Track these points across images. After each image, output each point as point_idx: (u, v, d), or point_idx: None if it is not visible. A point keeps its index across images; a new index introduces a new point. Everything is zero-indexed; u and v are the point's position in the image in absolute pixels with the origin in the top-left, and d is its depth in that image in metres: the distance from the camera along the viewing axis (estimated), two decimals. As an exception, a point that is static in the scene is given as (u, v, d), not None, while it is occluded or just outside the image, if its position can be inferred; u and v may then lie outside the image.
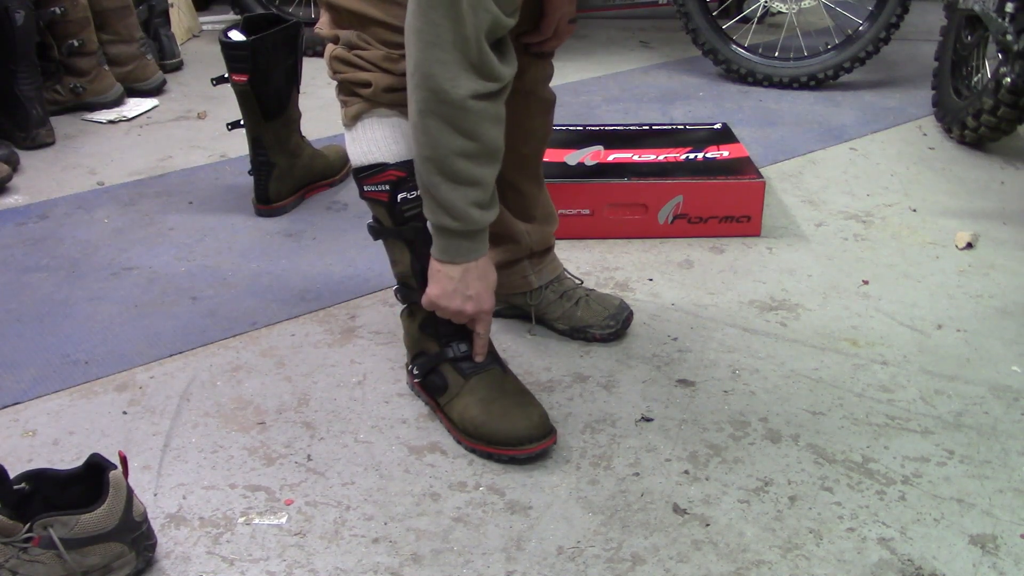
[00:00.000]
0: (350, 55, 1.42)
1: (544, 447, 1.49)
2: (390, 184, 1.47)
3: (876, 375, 1.72)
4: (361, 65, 1.42)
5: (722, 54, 3.28)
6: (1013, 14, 2.41)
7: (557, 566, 1.31)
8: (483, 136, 1.34)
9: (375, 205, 1.51)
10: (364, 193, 1.51)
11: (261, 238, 2.22)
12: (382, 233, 1.54)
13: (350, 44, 1.42)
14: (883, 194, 2.46)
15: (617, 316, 1.80)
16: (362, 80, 1.42)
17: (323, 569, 1.30)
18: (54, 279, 2.04)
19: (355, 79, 1.43)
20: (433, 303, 1.48)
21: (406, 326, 1.62)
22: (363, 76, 1.42)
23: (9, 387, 1.68)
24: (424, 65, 1.28)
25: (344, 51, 1.43)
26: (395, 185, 1.47)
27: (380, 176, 1.47)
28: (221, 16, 4.02)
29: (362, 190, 1.51)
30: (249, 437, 1.56)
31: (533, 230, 1.77)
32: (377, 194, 1.49)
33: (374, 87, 1.42)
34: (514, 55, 1.36)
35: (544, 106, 1.72)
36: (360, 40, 1.41)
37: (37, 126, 2.69)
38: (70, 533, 1.21)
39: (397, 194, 1.47)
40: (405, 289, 1.57)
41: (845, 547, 1.34)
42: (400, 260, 1.54)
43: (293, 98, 2.32)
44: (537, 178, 1.77)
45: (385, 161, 1.46)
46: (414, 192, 1.47)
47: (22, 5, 2.57)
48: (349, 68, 1.43)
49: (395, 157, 1.46)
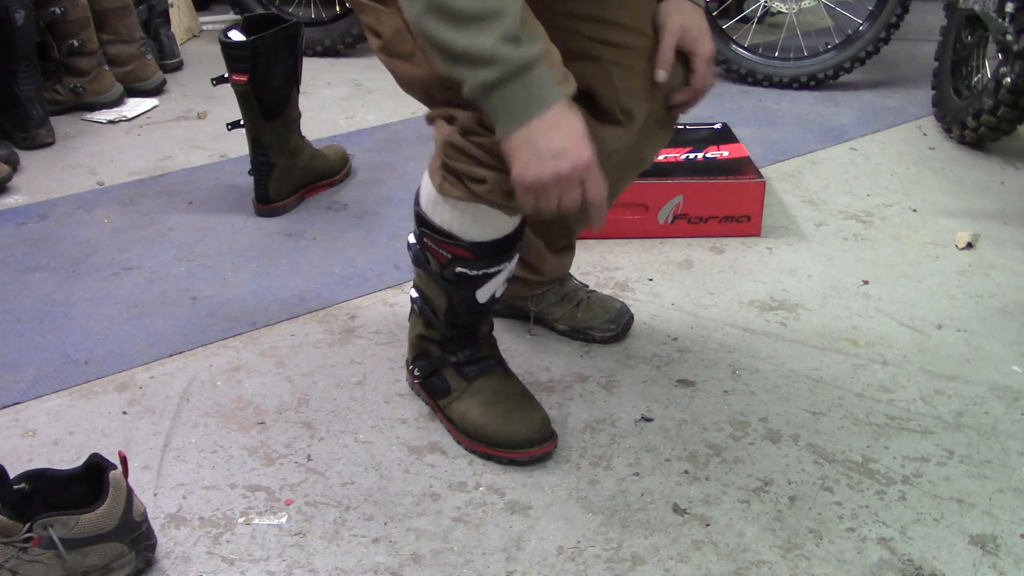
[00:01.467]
0: (467, 144, 1.26)
1: (544, 451, 1.49)
2: (453, 256, 1.41)
3: (876, 375, 1.72)
4: (479, 158, 1.26)
5: (722, 54, 3.28)
6: (1013, 14, 2.41)
7: (557, 566, 1.31)
8: None
9: (430, 252, 1.44)
10: (421, 240, 1.44)
11: (261, 238, 2.22)
12: (425, 270, 1.47)
13: (467, 129, 1.26)
14: (883, 194, 2.46)
15: (618, 319, 1.80)
16: (477, 176, 1.28)
17: (323, 569, 1.30)
18: (54, 279, 2.04)
19: (469, 173, 1.28)
20: (526, 186, 1.20)
21: (409, 327, 1.61)
22: (479, 172, 1.27)
23: (9, 387, 1.68)
24: None
25: (461, 139, 1.26)
26: (457, 259, 1.41)
27: (448, 245, 1.40)
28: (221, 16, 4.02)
29: (422, 235, 1.43)
30: (249, 437, 1.56)
31: (556, 263, 1.76)
32: (436, 252, 1.42)
33: (489, 187, 1.27)
34: None
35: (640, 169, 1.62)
36: (479, 127, 1.24)
37: (37, 126, 2.69)
38: (70, 533, 1.21)
39: (456, 266, 1.42)
40: (428, 312, 1.52)
41: (845, 547, 1.34)
42: (434, 297, 1.49)
43: (293, 98, 2.32)
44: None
45: (460, 237, 1.39)
46: (476, 271, 1.41)
47: (22, 5, 2.57)
48: (464, 159, 1.28)
49: (471, 238, 1.38)
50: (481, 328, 1.55)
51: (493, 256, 1.42)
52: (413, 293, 1.56)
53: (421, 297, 1.53)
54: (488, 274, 1.43)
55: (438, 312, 1.51)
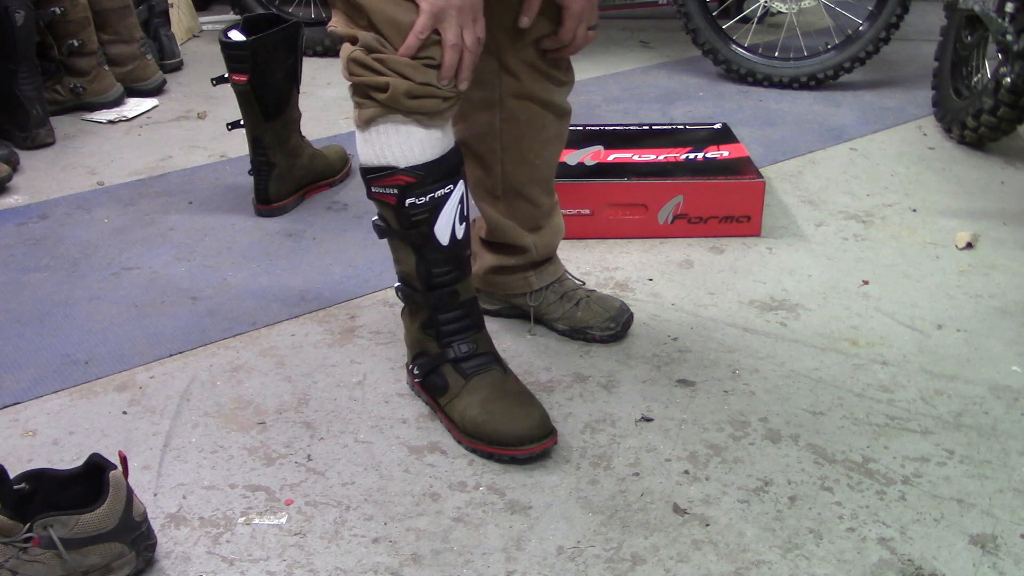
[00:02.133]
0: (368, 58, 1.39)
1: (544, 447, 1.49)
2: (398, 188, 1.46)
3: (876, 375, 1.72)
4: (379, 70, 1.39)
5: (722, 54, 3.28)
6: (1013, 14, 2.41)
7: (557, 566, 1.31)
8: None
9: (382, 206, 1.50)
10: (371, 194, 1.50)
11: (261, 238, 2.22)
12: (388, 233, 1.53)
13: (368, 47, 1.39)
14: (883, 194, 2.46)
15: (617, 318, 1.80)
16: (379, 84, 1.39)
17: (323, 569, 1.30)
18: (54, 279, 2.04)
19: (372, 83, 1.40)
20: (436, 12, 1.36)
21: (407, 325, 1.62)
22: (381, 80, 1.39)
23: (9, 387, 1.68)
24: None
25: (362, 54, 1.40)
26: (403, 189, 1.45)
27: (389, 179, 1.46)
28: (221, 16, 4.02)
29: (369, 190, 1.50)
30: (249, 437, 1.56)
31: (540, 241, 1.77)
32: (385, 196, 1.48)
33: (391, 91, 1.39)
34: None
35: (559, 116, 1.70)
36: (379, 43, 1.38)
37: (37, 126, 2.69)
38: (70, 533, 1.21)
39: (405, 199, 1.46)
40: (408, 289, 1.56)
41: (845, 547, 1.34)
42: (404, 260, 1.54)
43: (293, 98, 2.32)
44: (548, 189, 1.76)
45: (395, 165, 1.45)
46: (423, 198, 1.46)
47: (22, 5, 2.57)
48: (367, 72, 1.40)
49: (406, 162, 1.44)
50: (462, 289, 1.56)
51: (435, 177, 1.46)
52: (396, 284, 1.58)
53: (400, 278, 1.56)
54: (436, 199, 1.47)
55: (414, 280, 1.53)
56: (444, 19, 1.38)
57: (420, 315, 1.57)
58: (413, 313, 1.59)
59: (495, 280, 1.81)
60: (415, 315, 1.58)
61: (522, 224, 1.75)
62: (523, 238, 1.75)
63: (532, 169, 1.70)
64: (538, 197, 1.74)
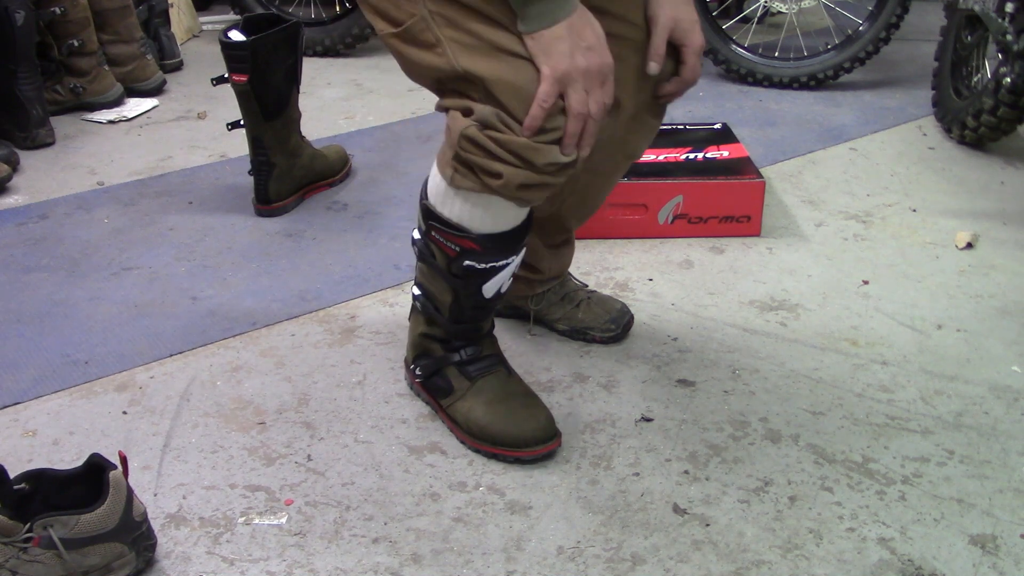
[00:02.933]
0: (483, 137, 1.26)
1: (550, 449, 1.49)
2: (462, 248, 1.40)
3: (876, 375, 1.72)
4: (496, 153, 1.26)
5: (722, 54, 3.28)
6: (1013, 14, 2.41)
7: (557, 566, 1.31)
8: None
9: (436, 246, 1.43)
10: (430, 235, 1.42)
11: (261, 238, 2.22)
12: (431, 265, 1.46)
13: (486, 122, 1.26)
14: (883, 194, 2.46)
15: (618, 320, 1.80)
16: (493, 170, 1.27)
17: (323, 569, 1.30)
18: (54, 279, 2.04)
19: (485, 167, 1.28)
20: (556, 74, 1.24)
21: (410, 327, 1.61)
22: (495, 167, 1.27)
23: (9, 387, 1.68)
24: None
25: (477, 132, 1.26)
26: (466, 252, 1.40)
27: (456, 238, 1.39)
28: (221, 16, 4.02)
29: (429, 229, 1.42)
30: (249, 437, 1.56)
31: (554, 264, 1.76)
32: (444, 246, 1.42)
33: (505, 182, 1.27)
34: None
35: (630, 162, 1.64)
36: (499, 120, 1.25)
37: (37, 126, 2.69)
38: (70, 533, 1.21)
39: (464, 260, 1.41)
40: (431, 308, 1.51)
41: (845, 547, 1.34)
42: (439, 292, 1.48)
43: (293, 98, 2.32)
44: (584, 219, 1.74)
45: (469, 229, 1.38)
46: (483, 264, 1.41)
47: (22, 5, 2.57)
48: (480, 152, 1.27)
49: (480, 230, 1.38)
50: (484, 325, 1.55)
51: (502, 249, 1.42)
52: (415, 290, 1.55)
53: (424, 294, 1.53)
54: (496, 267, 1.43)
55: (442, 308, 1.51)
56: (569, 84, 1.25)
57: (433, 326, 1.55)
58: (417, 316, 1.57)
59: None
60: (419, 317, 1.57)
61: (545, 241, 1.71)
62: (541, 260, 1.72)
63: (582, 203, 1.66)
64: (571, 223, 1.72)
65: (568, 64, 1.24)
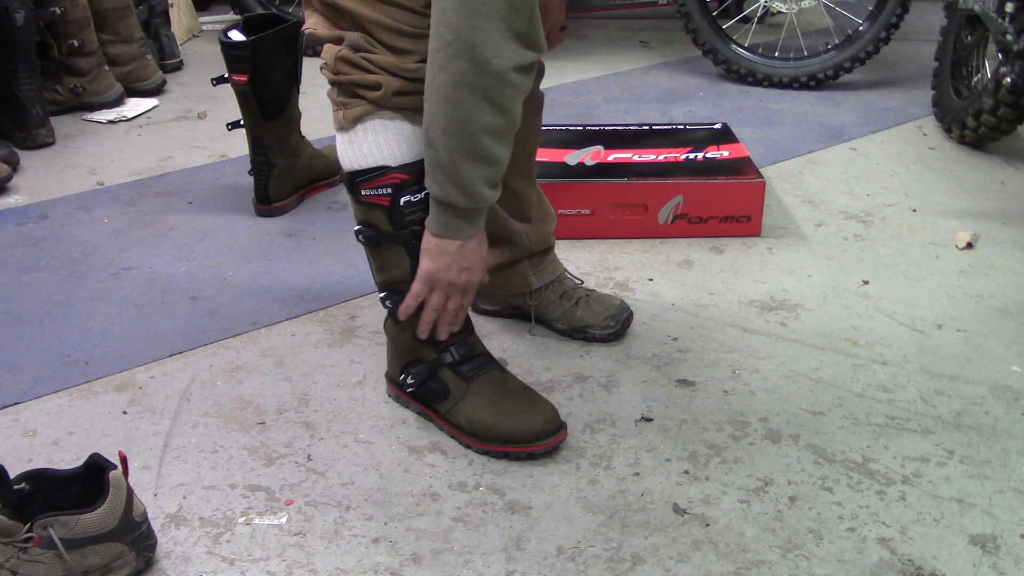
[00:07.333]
0: (357, 57, 1.38)
1: (560, 439, 1.50)
2: (392, 187, 1.43)
3: (876, 375, 1.72)
4: (369, 68, 1.37)
5: (722, 54, 3.28)
6: (1013, 14, 2.41)
7: (557, 566, 1.31)
8: (514, 112, 1.32)
9: (372, 210, 1.46)
10: (361, 198, 1.46)
11: (261, 238, 2.22)
12: (379, 239, 1.49)
13: (356, 46, 1.38)
14: (883, 194, 2.46)
15: (617, 316, 1.80)
16: (371, 82, 1.38)
17: (323, 569, 1.30)
18: (54, 279, 2.04)
19: (362, 81, 1.38)
20: (430, 277, 1.45)
21: (395, 335, 1.57)
22: (372, 78, 1.37)
23: (9, 387, 1.68)
24: (466, 34, 1.24)
25: (350, 52, 1.38)
26: (398, 188, 1.43)
27: (382, 179, 1.43)
28: (221, 16, 4.02)
29: (358, 195, 1.45)
30: (249, 437, 1.56)
31: (531, 230, 1.76)
32: (377, 198, 1.44)
33: (384, 90, 1.37)
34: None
35: (536, 106, 1.71)
36: (366, 42, 1.37)
37: (37, 126, 2.69)
38: (70, 533, 1.21)
39: (400, 197, 1.44)
40: (397, 296, 1.51)
41: (845, 547, 1.34)
42: (396, 265, 1.50)
43: (293, 98, 2.32)
44: (531, 178, 1.75)
45: (387, 164, 1.42)
46: (417, 195, 1.44)
47: (22, 5, 2.57)
48: (355, 70, 1.38)
49: (398, 160, 1.42)
50: None
51: None
52: (380, 293, 1.54)
53: (388, 288, 1.52)
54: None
55: (405, 285, 1.49)
56: (436, 286, 1.46)
57: (412, 321, 1.53)
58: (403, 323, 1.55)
59: (495, 281, 1.80)
60: (405, 325, 1.54)
61: (510, 215, 1.73)
62: (512, 226, 1.73)
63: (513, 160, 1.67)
64: (521, 188, 1.72)
65: (442, 274, 1.44)
